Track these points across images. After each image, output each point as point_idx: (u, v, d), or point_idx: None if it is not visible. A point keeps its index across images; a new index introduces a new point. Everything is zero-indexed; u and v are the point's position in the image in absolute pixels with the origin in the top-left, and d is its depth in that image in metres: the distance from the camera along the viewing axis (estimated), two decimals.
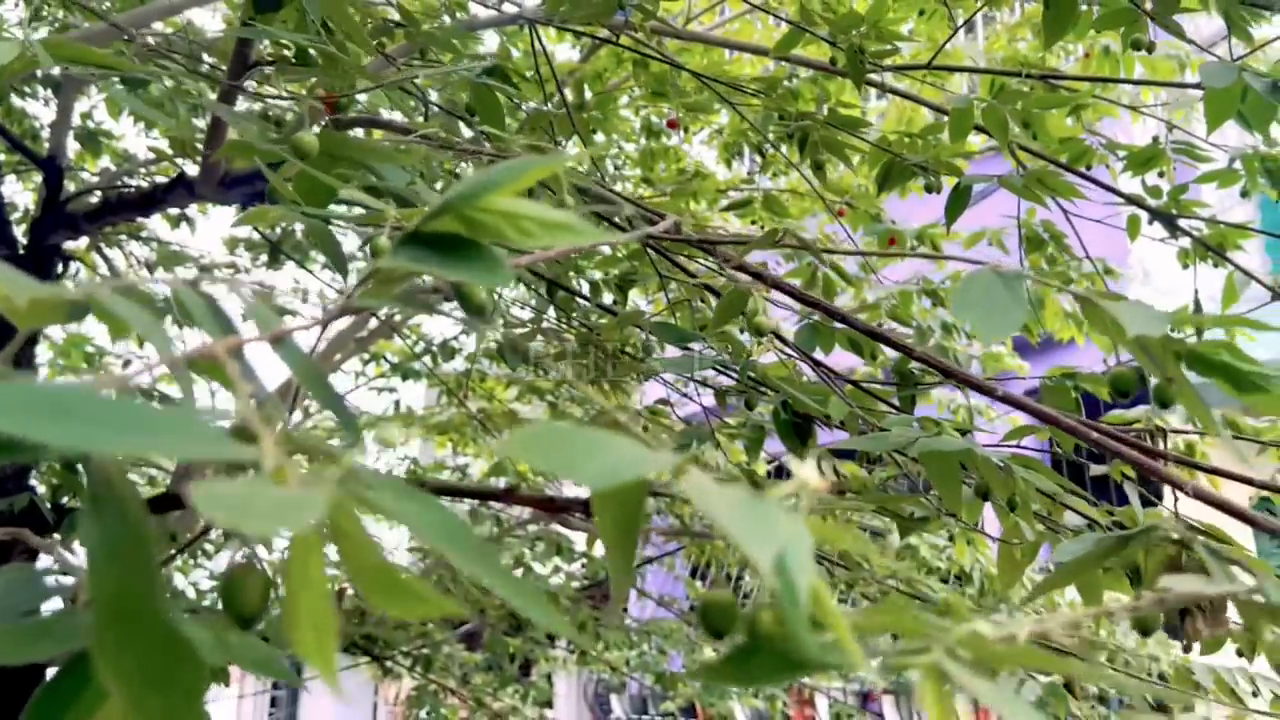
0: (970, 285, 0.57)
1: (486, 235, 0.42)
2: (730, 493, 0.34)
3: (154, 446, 0.28)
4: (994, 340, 0.70)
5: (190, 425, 0.30)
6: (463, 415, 4.13)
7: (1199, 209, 1.96)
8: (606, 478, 0.34)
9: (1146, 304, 0.53)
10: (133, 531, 0.29)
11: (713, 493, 0.33)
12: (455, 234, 0.43)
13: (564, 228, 0.42)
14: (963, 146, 1.47)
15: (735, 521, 0.31)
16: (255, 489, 0.27)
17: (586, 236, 0.41)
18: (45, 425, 0.26)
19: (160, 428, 0.29)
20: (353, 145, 0.68)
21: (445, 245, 0.43)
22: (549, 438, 0.35)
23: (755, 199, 2.19)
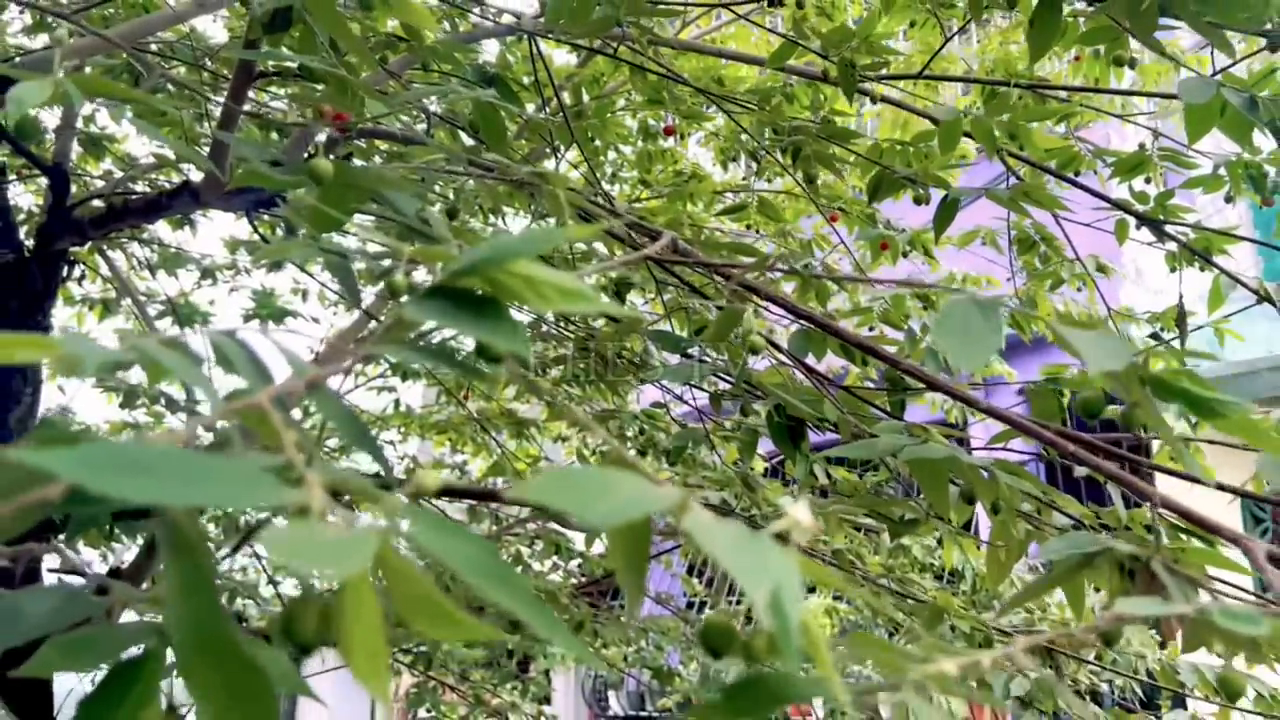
0: (949, 313, 0.61)
1: (508, 296, 0.46)
2: (728, 530, 0.38)
3: (217, 498, 0.32)
4: None
5: (246, 475, 0.34)
6: (461, 415, 4.17)
7: (1185, 214, 2.00)
8: (615, 517, 0.38)
9: (1111, 335, 0.57)
10: (203, 572, 0.32)
11: (713, 530, 0.37)
12: (479, 292, 0.46)
13: (579, 295, 0.45)
14: (951, 157, 1.51)
15: (733, 559, 0.34)
16: (311, 533, 0.31)
17: (599, 305, 0.45)
18: (125, 482, 0.30)
19: (221, 478, 0.33)
20: (364, 175, 0.71)
21: (469, 302, 0.46)
22: (564, 481, 0.39)
23: (750, 203, 2.22)
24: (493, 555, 0.37)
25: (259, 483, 0.34)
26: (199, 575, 0.32)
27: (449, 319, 0.45)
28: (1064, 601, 2.08)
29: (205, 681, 0.30)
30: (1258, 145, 1.77)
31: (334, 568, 0.28)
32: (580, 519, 0.38)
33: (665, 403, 1.93)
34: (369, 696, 2.46)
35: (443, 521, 0.38)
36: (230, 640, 0.31)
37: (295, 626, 0.34)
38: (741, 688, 0.41)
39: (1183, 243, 2.01)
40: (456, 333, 0.44)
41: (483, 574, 0.35)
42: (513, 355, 0.45)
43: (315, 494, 0.36)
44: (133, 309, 3.25)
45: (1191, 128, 1.29)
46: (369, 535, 0.32)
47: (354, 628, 0.32)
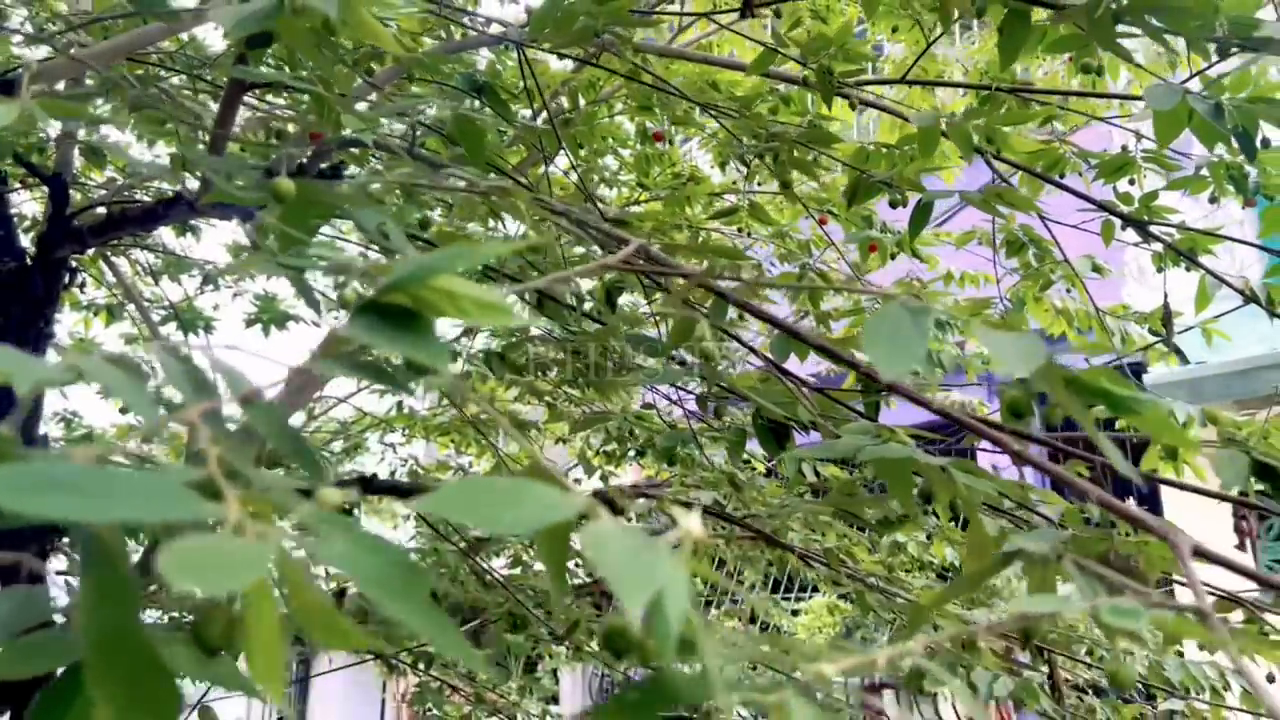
0: (879, 320, 0.63)
1: (431, 311, 0.48)
2: (621, 540, 0.40)
3: (133, 513, 0.35)
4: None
5: (165, 490, 0.37)
6: (466, 416, 4.20)
7: (1172, 214, 2.01)
8: (521, 526, 0.40)
9: (1029, 336, 0.59)
10: (117, 578, 0.35)
11: (603, 540, 0.39)
12: (405, 307, 0.49)
13: (496, 309, 0.48)
14: (933, 160, 1.53)
15: (613, 569, 0.37)
16: (211, 547, 0.33)
17: (515, 318, 0.48)
18: (41, 500, 0.33)
19: (137, 493, 0.35)
20: (325, 192, 0.74)
21: (396, 317, 0.49)
22: (469, 493, 0.41)
23: (741, 207, 2.24)
24: (398, 566, 0.40)
25: (177, 498, 0.37)
26: (115, 584, 0.35)
27: (375, 335, 0.47)
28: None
29: (109, 684, 0.33)
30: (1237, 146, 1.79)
31: (225, 582, 0.31)
32: (486, 529, 0.41)
33: (655, 404, 1.96)
34: (378, 694, 2.51)
35: (353, 532, 0.40)
36: (141, 645, 0.34)
37: (203, 631, 0.36)
38: (636, 691, 0.43)
39: (1168, 243, 2.02)
40: (379, 348, 0.47)
41: (380, 585, 0.37)
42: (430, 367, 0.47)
43: (231, 508, 0.38)
44: (136, 315, 3.29)
45: (1160, 133, 1.31)
46: (266, 548, 0.34)
47: (254, 632, 0.35)
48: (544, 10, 1.44)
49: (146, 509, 0.36)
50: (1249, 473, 0.90)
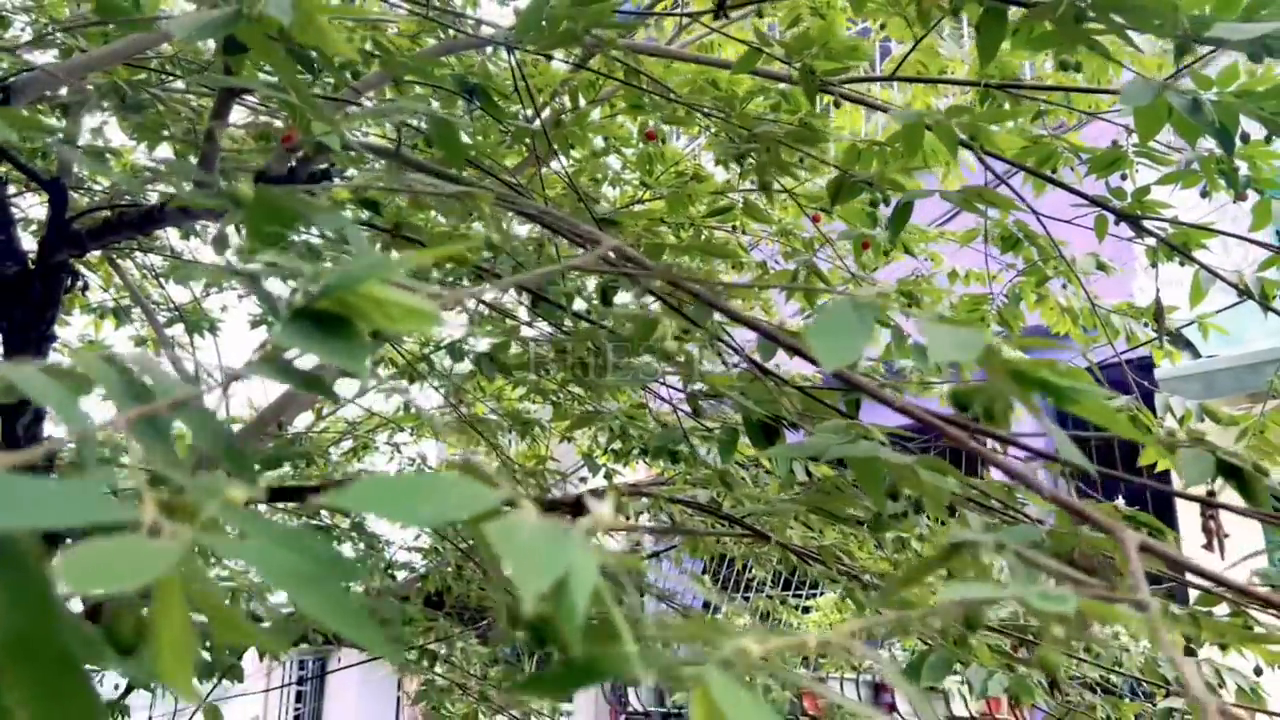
0: (826, 313, 0.64)
1: (359, 317, 0.49)
2: (530, 528, 0.41)
3: (48, 518, 0.36)
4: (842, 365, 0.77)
5: (83, 494, 0.38)
6: (472, 415, 4.22)
7: (1162, 209, 2.01)
8: (435, 519, 0.42)
9: (967, 328, 0.59)
10: (33, 582, 0.36)
11: (511, 528, 0.40)
12: (335, 314, 0.50)
13: (422, 315, 0.49)
14: (917, 159, 1.53)
15: (512, 555, 0.38)
16: (114, 548, 0.34)
17: (442, 323, 0.49)
18: None
19: (52, 499, 0.37)
20: (287, 198, 0.75)
21: (327, 323, 0.50)
22: (384, 487, 0.42)
23: (735, 205, 2.25)
24: (314, 561, 0.41)
25: (93, 502, 0.38)
26: (29, 589, 0.36)
27: (305, 341, 0.49)
28: None
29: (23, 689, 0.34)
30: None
31: (122, 581, 0.32)
32: (401, 522, 0.42)
33: (646, 403, 1.97)
34: (392, 691, 2.52)
35: (271, 529, 0.42)
36: (57, 650, 0.35)
37: (115, 631, 0.37)
38: (555, 667, 0.44)
39: (1161, 238, 2.01)
40: (306, 353, 0.48)
41: (292, 579, 0.38)
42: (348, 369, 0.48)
43: (147, 510, 0.39)
44: (142, 317, 3.32)
45: (1142, 129, 1.31)
46: (171, 547, 0.35)
47: (162, 630, 0.36)
48: (529, 13, 1.45)
49: (60, 514, 0.37)
50: (1214, 472, 0.91)
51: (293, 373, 0.50)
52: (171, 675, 0.36)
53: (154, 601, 0.36)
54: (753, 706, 0.41)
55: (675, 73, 2.50)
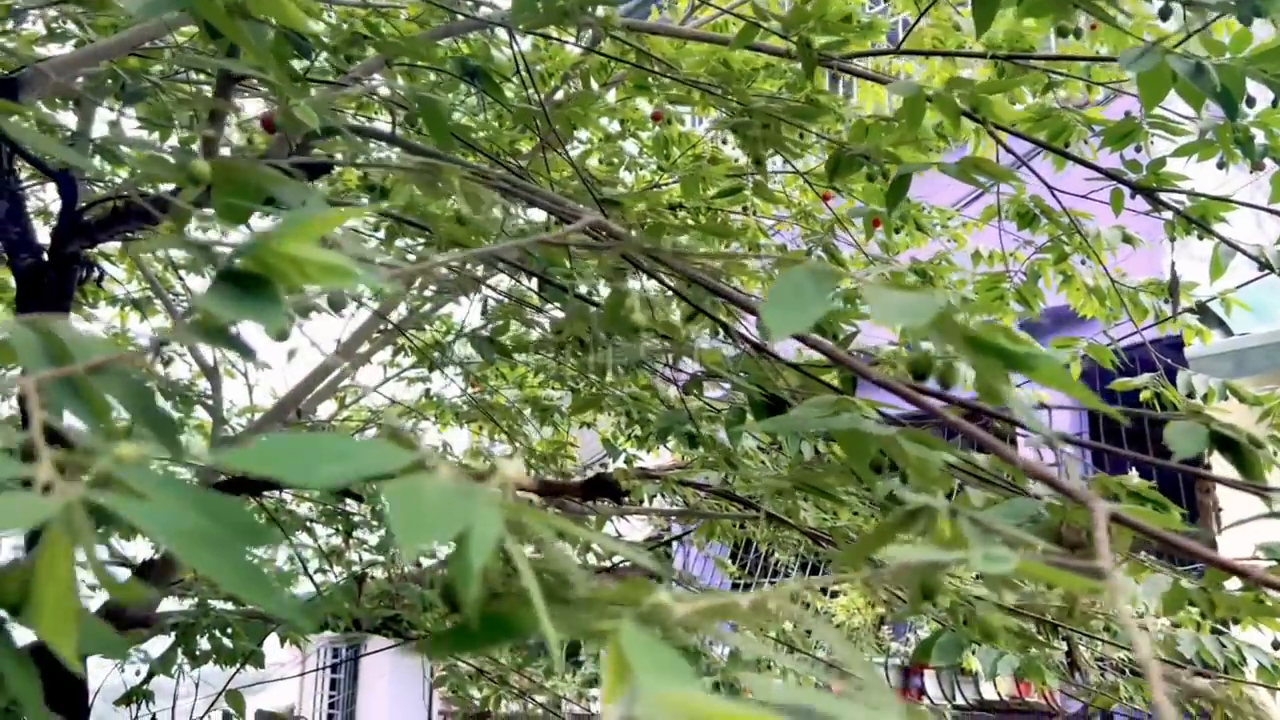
0: (783, 282, 0.62)
1: (277, 276, 0.49)
2: (429, 487, 0.40)
3: None
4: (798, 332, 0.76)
5: None
6: (492, 402, 4.23)
7: (1178, 180, 1.96)
8: (336, 480, 0.41)
9: (923, 294, 0.58)
10: None
11: (409, 487, 0.39)
12: (258, 275, 0.49)
13: (341, 272, 0.48)
14: (919, 132, 1.50)
15: (397, 513, 0.37)
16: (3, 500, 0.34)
17: (359, 279, 0.48)
18: None
19: None
20: (249, 173, 0.75)
21: (249, 284, 0.49)
22: (281, 447, 0.41)
23: (745, 186, 2.23)
24: (222, 525, 0.40)
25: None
26: None
27: (226, 302, 0.48)
28: None
29: None
30: (1243, 108, 1.74)
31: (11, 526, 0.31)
32: (298, 484, 0.41)
33: (652, 384, 1.96)
34: (421, 677, 2.53)
35: (179, 491, 0.41)
36: None
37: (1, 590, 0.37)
38: (469, 624, 0.43)
39: (1179, 211, 1.97)
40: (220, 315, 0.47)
41: (186, 540, 0.38)
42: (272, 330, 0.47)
43: (43, 468, 0.39)
44: (162, 308, 3.35)
45: (1146, 96, 1.28)
46: (54, 502, 0.35)
47: (46, 587, 0.35)
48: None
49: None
50: (1206, 444, 0.88)
51: (217, 334, 0.50)
52: (51, 632, 0.35)
53: (39, 557, 0.36)
54: (663, 659, 0.40)
55: (688, 54, 2.48)
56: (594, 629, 0.42)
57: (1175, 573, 1.46)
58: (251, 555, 0.41)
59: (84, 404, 0.46)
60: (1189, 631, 1.85)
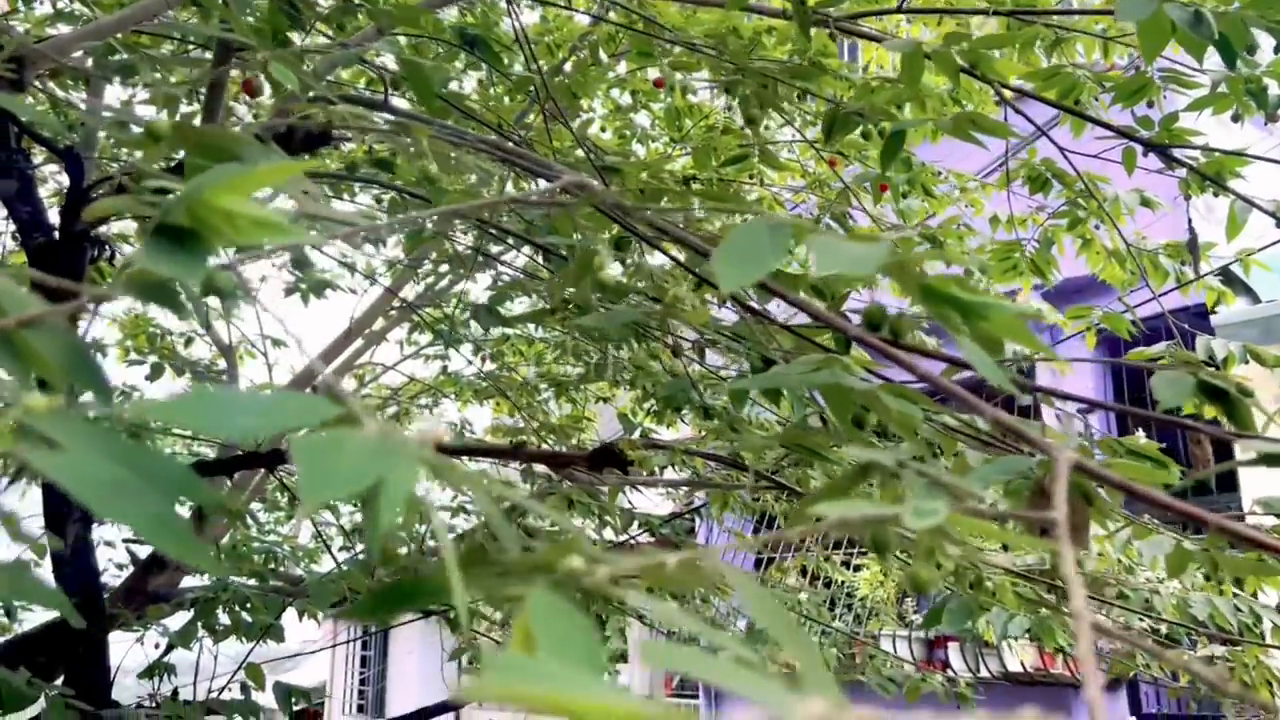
0: (736, 235, 0.61)
1: (209, 230, 0.48)
2: (355, 440, 0.40)
3: None
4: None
5: None
6: (510, 379, 4.24)
7: (1193, 136, 1.92)
8: (247, 432, 0.40)
9: (874, 244, 0.56)
10: None
11: (320, 442, 0.38)
12: (190, 230, 0.49)
13: (272, 226, 0.47)
14: (916, 90, 1.48)
15: (306, 465, 0.36)
16: None
17: (291, 234, 0.47)
18: None
19: None
20: (211, 134, 0.74)
21: (181, 239, 0.49)
22: (201, 400, 0.41)
23: (751, 153, 2.20)
24: (138, 475, 0.40)
25: None
26: None
27: (157, 257, 0.48)
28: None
29: None
30: (1255, 59, 1.70)
31: None
32: (214, 434, 0.41)
33: (659, 355, 1.95)
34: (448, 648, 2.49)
35: (96, 442, 0.41)
36: None
37: None
38: (385, 589, 0.43)
39: (1193, 168, 1.93)
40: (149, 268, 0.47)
41: (107, 491, 0.37)
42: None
43: None
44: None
45: (1145, 46, 1.25)
46: None
47: None
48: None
49: None
50: (1193, 394, 0.86)
51: (150, 290, 0.49)
52: None
53: None
54: (568, 626, 0.39)
55: (697, 22, 2.45)
56: (507, 594, 0.41)
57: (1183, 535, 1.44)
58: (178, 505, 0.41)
59: (14, 357, 0.46)
60: (1202, 594, 1.83)
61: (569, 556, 0.44)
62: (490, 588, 0.42)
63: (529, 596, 0.40)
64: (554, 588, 0.42)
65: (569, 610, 0.40)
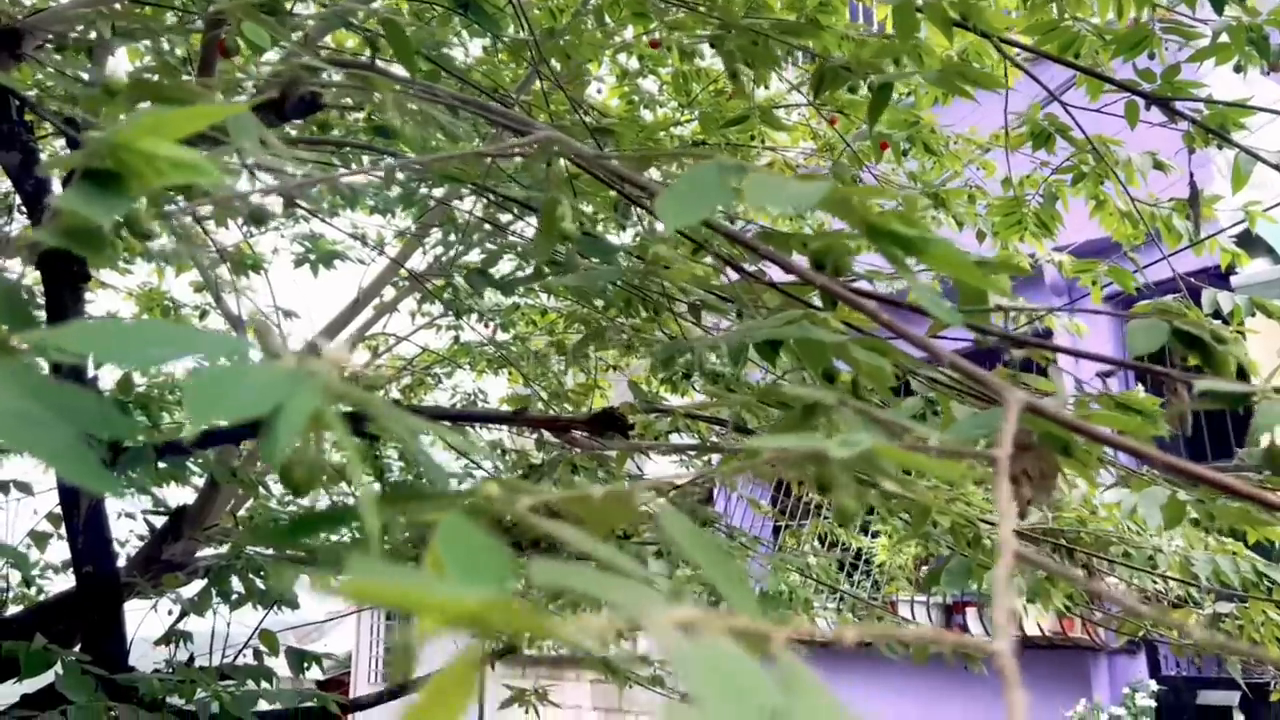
0: (687, 176, 0.61)
1: (130, 172, 0.48)
2: (260, 369, 0.40)
3: None
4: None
5: None
6: (523, 348, 4.24)
7: (1197, 89, 1.89)
8: (153, 361, 0.41)
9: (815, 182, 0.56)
10: None
11: (215, 371, 0.39)
12: (114, 173, 0.49)
13: (193, 168, 0.48)
14: (908, 45, 1.46)
15: (198, 386, 0.36)
16: None
17: (209, 175, 0.47)
18: None
19: None
20: (172, 89, 0.74)
21: (105, 183, 0.49)
22: (112, 329, 0.41)
23: (752, 114, 2.19)
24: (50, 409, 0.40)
25: None
26: None
27: (80, 200, 0.48)
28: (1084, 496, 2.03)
29: None
30: (1256, 7, 1.67)
31: None
32: (116, 363, 0.41)
33: (656, 316, 1.95)
34: None
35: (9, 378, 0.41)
36: None
37: None
38: (302, 517, 0.43)
39: (1196, 120, 1.90)
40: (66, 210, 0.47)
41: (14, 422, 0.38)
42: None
43: None
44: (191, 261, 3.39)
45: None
46: None
47: None
48: None
49: None
50: (1166, 342, 0.85)
51: (75, 235, 0.50)
52: None
53: None
54: (476, 545, 0.39)
55: None
56: (420, 519, 0.42)
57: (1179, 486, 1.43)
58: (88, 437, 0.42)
59: None
60: (1204, 552, 1.82)
61: (488, 486, 0.44)
62: (408, 514, 0.43)
63: (440, 521, 0.40)
64: (468, 514, 0.42)
65: (477, 533, 0.40)
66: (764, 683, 0.26)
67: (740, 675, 0.26)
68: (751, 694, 0.25)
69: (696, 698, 0.25)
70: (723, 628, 0.29)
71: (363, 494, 0.40)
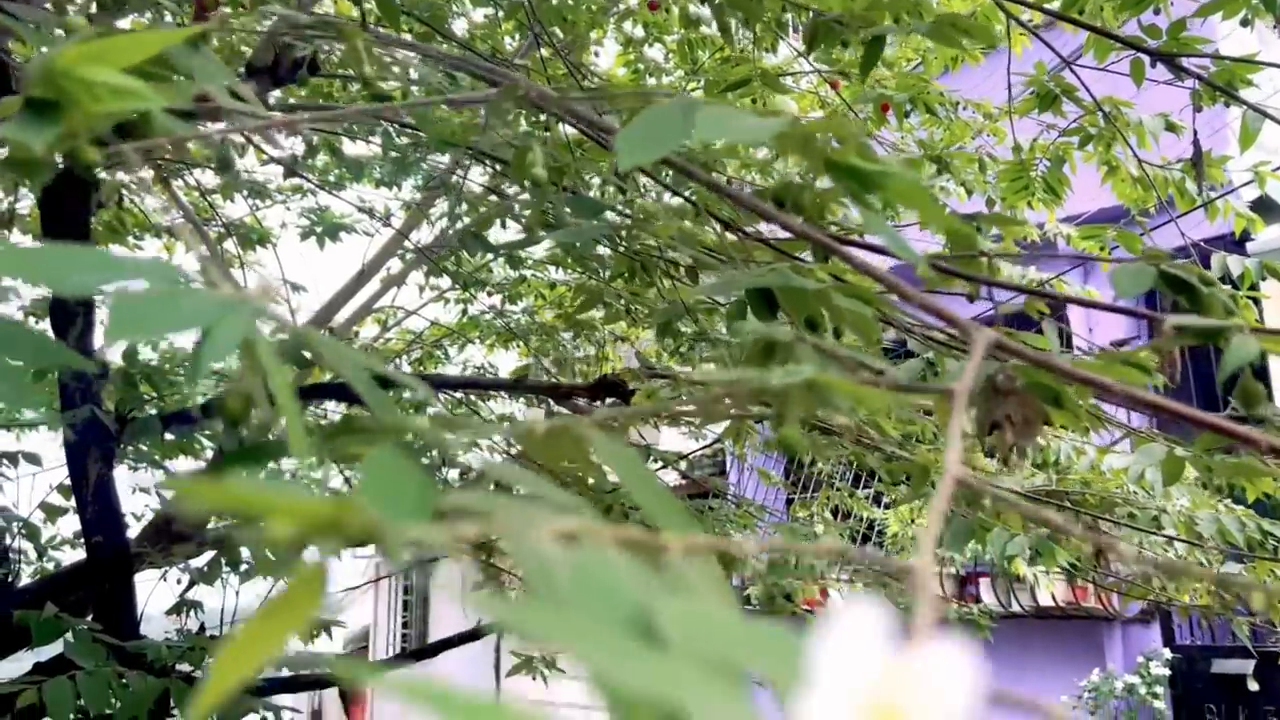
0: (648, 113, 0.60)
1: (69, 100, 0.48)
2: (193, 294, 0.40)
3: None
4: None
5: None
6: (531, 322, 4.24)
7: (1203, 45, 1.86)
8: (84, 288, 0.40)
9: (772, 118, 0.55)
10: None
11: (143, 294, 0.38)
12: (53, 102, 0.49)
13: (131, 94, 0.47)
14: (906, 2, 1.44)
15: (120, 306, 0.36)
16: None
17: (148, 100, 0.47)
18: None
19: None
20: (135, 37, 0.74)
21: (44, 111, 0.49)
22: (40, 254, 0.41)
23: (753, 78, 2.17)
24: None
25: None
26: None
27: (20, 129, 0.47)
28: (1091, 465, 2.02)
29: None
30: None
31: None
32: (47, 286, 0.41)
33: (653, 280, 1.94)
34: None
35: None
36: None
37: None
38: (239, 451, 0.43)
39: (1202, 78, 1.87)
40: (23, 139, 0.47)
41: None
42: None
43: None
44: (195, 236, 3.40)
45: None
46: None
47: None
48: None
49: None
50: (1152, 285, 0.84)
51: (18, 164, 0.49)
52: None
53: None
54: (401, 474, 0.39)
55: None
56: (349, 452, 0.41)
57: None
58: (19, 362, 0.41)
59: None
60: (1209, 511, 1.80)
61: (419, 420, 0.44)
62: (339, 447, 0.42)
63: (368, 453, 0.40)
64: (397, 448, 0.42)
65: (403, 464, 0.40)
66: (641, 587, 0.26)
67: (613, 579, 0.26)
68: (620, 594, 0.25)
69: (558, 599, 0.24)
70: (609, 538, 0.28)
71: (293, 421, 0.39)
